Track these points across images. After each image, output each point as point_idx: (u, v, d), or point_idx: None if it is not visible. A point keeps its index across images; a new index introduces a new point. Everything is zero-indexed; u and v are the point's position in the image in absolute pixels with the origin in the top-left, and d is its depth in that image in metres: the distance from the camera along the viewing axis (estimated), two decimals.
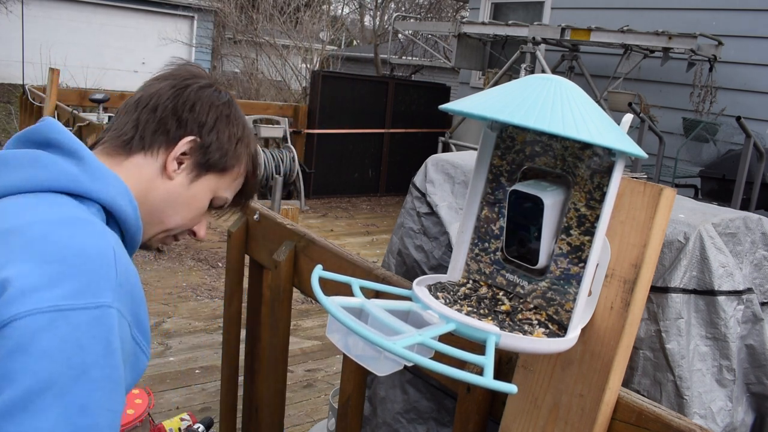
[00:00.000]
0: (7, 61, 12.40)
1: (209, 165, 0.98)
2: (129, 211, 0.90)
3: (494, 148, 0.91)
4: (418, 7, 14.89)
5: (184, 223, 1.00)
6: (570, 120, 0.67)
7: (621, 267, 0.84)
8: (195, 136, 0.96)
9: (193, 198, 0.99)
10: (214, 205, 1.04)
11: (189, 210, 1.00)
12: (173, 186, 0.97)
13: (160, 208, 0.98)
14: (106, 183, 0.87)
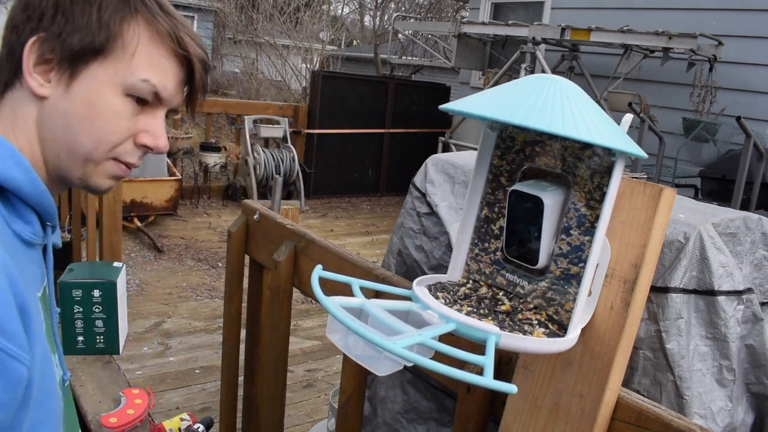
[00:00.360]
0: None
1: (75, 54, 0.77)
2: (12, 176, 0.74)
3: (494, 148, 0.91)
4: (418, 7, 14.90)
5: (101, 138, 0.80)
6: (570, 120, 0.67)
7: (621, 267, 0.84)
8: (37, 34, 0.77)
9: (88, 104, 0.78)
10: (147, 101, 0.82)
11: (93, 120, 0.79)
12: (52, 103, 0.78)
13: (58, 137, 0.79)
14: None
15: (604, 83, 6.18)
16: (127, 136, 0.82)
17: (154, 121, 0.84)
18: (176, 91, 0.84)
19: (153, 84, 0.80)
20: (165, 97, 0.83)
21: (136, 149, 0.83)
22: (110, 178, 0.84)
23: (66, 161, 0.81)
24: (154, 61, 0.81)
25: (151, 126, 0.83)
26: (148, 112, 0.83)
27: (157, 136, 0.84)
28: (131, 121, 0.81)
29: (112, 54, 0.78)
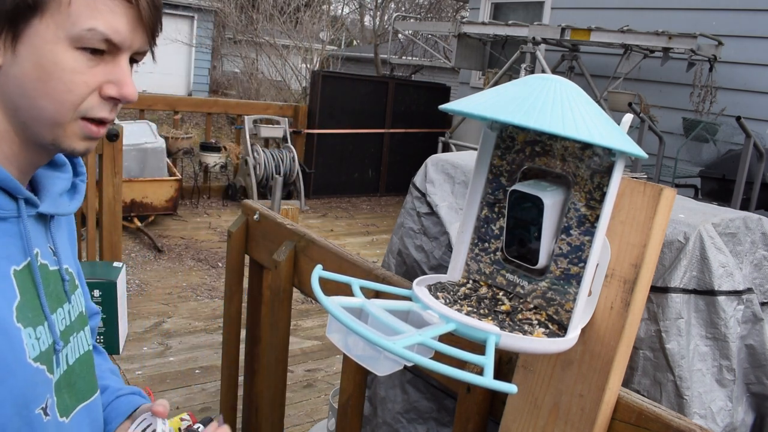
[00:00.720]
0: None
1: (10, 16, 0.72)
2: None
3: (494, 148, 0.91)
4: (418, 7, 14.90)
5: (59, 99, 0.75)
6: (570, 120, 0.67)
7: (621, 267, 0.84)
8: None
9: (37, 66, 0.74)
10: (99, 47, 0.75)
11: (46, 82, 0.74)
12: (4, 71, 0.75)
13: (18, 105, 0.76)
14: None
15: (604, 83, 6.18)
16: (88, 91, 0.76)
17: (115, 69, 0.77)
18: (133, 32, 0.77)
19: (100, 31, 0.74)
20: (119, 42, 0.76)
21: (103, 102, 0.78)
22: (84, 139, 0.80)
23: (34, 128, 0.77)
24: (94, 5, 0.74)
25: (113, 74, 0.77)
26: (107, 61, 0.77)
27: (121, 84, 0.78)
28: (88, 75, 0.76)
29: (49, 7, 0.73)
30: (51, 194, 0.87)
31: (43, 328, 0.83)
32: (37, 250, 0.85)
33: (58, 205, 0.88)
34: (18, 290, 0.79)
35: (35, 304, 0.82)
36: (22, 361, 0.78)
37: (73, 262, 0.99)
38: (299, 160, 7.34)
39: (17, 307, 0.78)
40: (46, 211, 0.85)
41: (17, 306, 0.79)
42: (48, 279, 0.87)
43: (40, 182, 0.88)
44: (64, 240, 0.95)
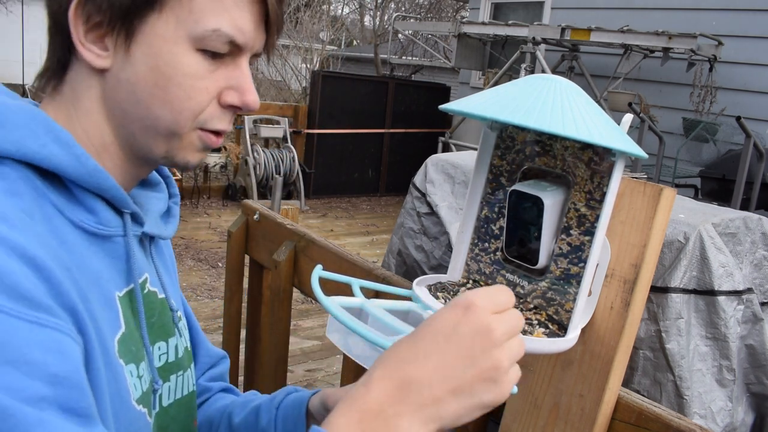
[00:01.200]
0: (7, 61, 12.41)
1: (126, 10, 0.63)
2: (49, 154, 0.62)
3: (494, 148, 0.91)
4: (418, 7, 14.90)
5: (179, 108, 0.67)
6: (570, 120, 0.67)
7: (621, 267, 0.84)
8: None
9: (153, 69, 0.65)
10: (222, 50, 0.66)
11: (163, 88, 0.66)
12: (114, 75, 0.66)
13: (129, 114, 0.68)
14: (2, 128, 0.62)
15: (604, 83, 6.18)
16: (209, 98, 0.68)
17: (235, 72, 0.69)
18: (256, 31, 0.69)
19: (225, 33, 0.65)
20: (243, 43, 0.67)
21: (223, 112, 0.70)
22: (200, 151, 0.71)
23: (144, 139, 0.68)
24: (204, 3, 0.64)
25: (234, 79, 0.69)
26: (228, 64, 0.68)
27: (243, 90, 0.69)
28: (209, 80, 0.67)
29: (168, 3, 0.64)
30: (152, 214, 0.78)
31: (145, 365, 0.72)
32: (147, 276, 0.76)
33: (159, 226, 0.78)
34: (123, 320, 0.69)
35: (137, 337, 0.72)
36: (128, 403, 0.67)
37: (175, 293, 0.87)
38: (299, 160, 7.35)
39: (119, 340, 0.68)
40: (150, 231, 0.75)
41: (119, 339, 0.68)
42: (154, 308, 0.77)
43: (137, 201, 0.77)
44: (165, 266, 0.85)
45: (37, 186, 0.63)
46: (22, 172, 0.62)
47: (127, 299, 0.71)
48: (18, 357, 0.51)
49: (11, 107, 0.64)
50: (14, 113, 0.63)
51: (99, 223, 0.67)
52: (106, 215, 0.68)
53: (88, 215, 0.66)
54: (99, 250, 0.68)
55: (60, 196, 0.65)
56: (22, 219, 0.58)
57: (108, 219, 0.68)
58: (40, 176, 0.63)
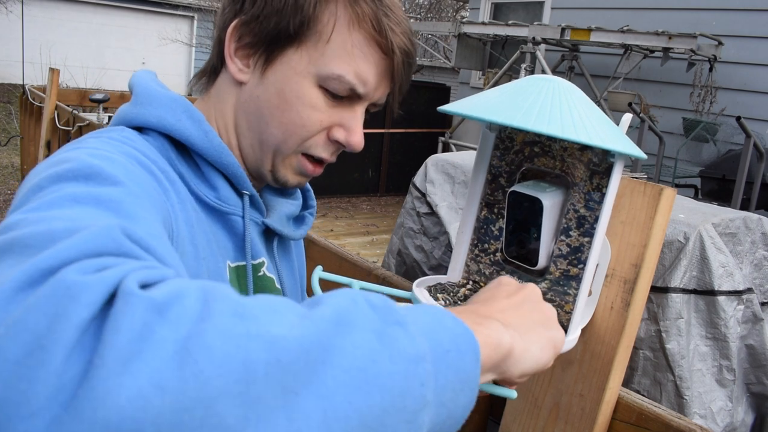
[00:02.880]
0: (7, 61, 12.41)
1: (270, 39, 0.73)
2: (182, 127, 0.72)
3: (493, 149, 0.91)
4: (418, 7, 14.90)
5: (291, 131, 0.75)
6: (569, 122, 0.67)
7: (621, 267, 0.84)
8: (239, 17, 0.75)
9: (279, 93, 0.74)
10: (341, 94, 0.74)
11: (283, 111, 0.74)
12: (249, 90, 0.77)
13: (251, 125, 0.77)
14: (149, 106, 0.74)
15: (604, 83, 6.18)
16: (319, 129, 0.76)
17: (350, 114, 0.76)
18: (378, 84, 0.76)
19: (348, 80, 0.73)
20: (364, 93, 0.75)
21: (328, 144, 0.77)
22: (298, 174, 0.80)
23: (258, 152, 0.78)
24: (351, 49, 0.73)
25: (347, 120, 0.76)
26: (345, 105, 0.76)
27: (351, 131, 0.76)
28: (325, 114, 0.75)
29: (307, 40, 0.73)
30: (278, 213, 0.85)
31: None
32: (263, 260, 0.83)
33: (284, 225, 0.86)
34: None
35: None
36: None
37: (294, 296, 0.93)
38: None
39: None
40: (272, 225, 0.83)
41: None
42: (271, 291, 0.83)
43: (268, 203, 0.87)
44: (290, 268, 0.92)
45: (170, 156, 0.73)
46: (161, 141, 0.73)
47: (239, 271, 0.78)
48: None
49: (159, 92, 0.76)
50: (161, 96, 0.75)
51: (219, 198, 0.75)
52: (226, 193, 0.76)
53: (209, 190, 0.75)
54: (217, 221, 0.76)
55: (188, 168, 0.74)
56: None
57: (227, 197, 0.76)
58: (175, 149, 0.74)
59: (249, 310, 0.38)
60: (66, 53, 12.02)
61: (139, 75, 0.82)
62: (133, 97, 0.78)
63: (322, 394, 0.37)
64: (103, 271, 0.39)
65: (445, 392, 0.44)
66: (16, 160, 8.18)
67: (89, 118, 3.89)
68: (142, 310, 0.36)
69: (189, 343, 0.35)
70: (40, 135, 4.51)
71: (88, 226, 0.44)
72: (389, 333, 0.42)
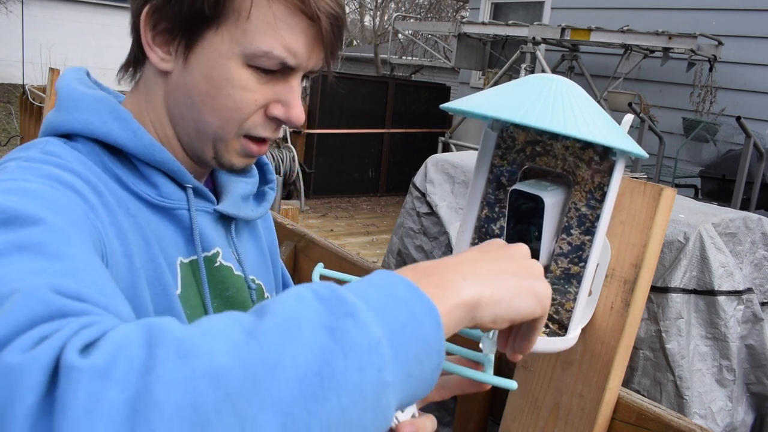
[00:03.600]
0: (7, 61, 12.41)
1: (186, 23, 0.70)
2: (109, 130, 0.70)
3: (495, 148, 0.91)
4: (418, 7, 14.90)
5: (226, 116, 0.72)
6: (571, 119, 0.67)
7: (621, 267, 0.84)
8: (149, 3, 0.72)
9: (207, 78, 0.71)
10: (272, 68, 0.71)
11: (214, 97, 0.71)
12: (174, 78, 0.73)
13: (184, 115, 0.74)
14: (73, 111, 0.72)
15: (604, 83, 6.18)
16: (255, 108, 0.72)
17: (285, 88, 0.73)
18: (309, 53, 0.72)
19: (276, 56, 0.69)
20: (295, 65, 0.72)
21: (267, 122, 0.74)
22: (243, 156, 0.76)
23: (196, 141, 0.75)
24: (273, 22, 0.69)
25: (283, 94, 0.73)
26: (278, 79, 0.72)
27: (289, 106, 0.73)
28: (258, 93, 0.72)
29: (226, 19, 0.69)
30: (232, 196, 0.83)
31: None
32: (218, 250, 0.81)
33: (239, 207, 0.83)
34: (180, 282, 0.75)
35: (196, 303, 0.77)
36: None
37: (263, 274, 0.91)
38: (299, 160, 7.35)
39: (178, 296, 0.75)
40: (225, 210, 0.81)
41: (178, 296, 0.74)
42: (228, 282, 0.82)
43: (222, 185, 0.85)
44: (249, 248, 0.89)
45: (103, 160, 0.71)
46: (91, 147, 0.71)
47: (190, 267, 0.77)
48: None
49: (84, 94, 0.74)
50: (85, 99, 0.73)
51: (160, 195, 0.74)
52: (168, 189, 0.74)
53: (150, 188, 0.73)
54: (163, 218, 0.74)
55: (125, 169, 0.72)
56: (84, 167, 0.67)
57: (169, 192, 0.75)
58: (107, 152, 0.72)
59: (192, 346, 0.38)
60: (66, 53, 12.02)
61: (63, 76, 0.79)
62: (57, 101, 0.75)
63: (279, 410, 0.37)
64: (41, 344, 0.39)
65: (409, 365, 0.44)
66: None
67: None
68: (85, 382, 0.36)
69: (137, 404, 0.35)
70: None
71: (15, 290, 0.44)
72: (340, 326, 0.42)
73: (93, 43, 13.21)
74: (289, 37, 0.70)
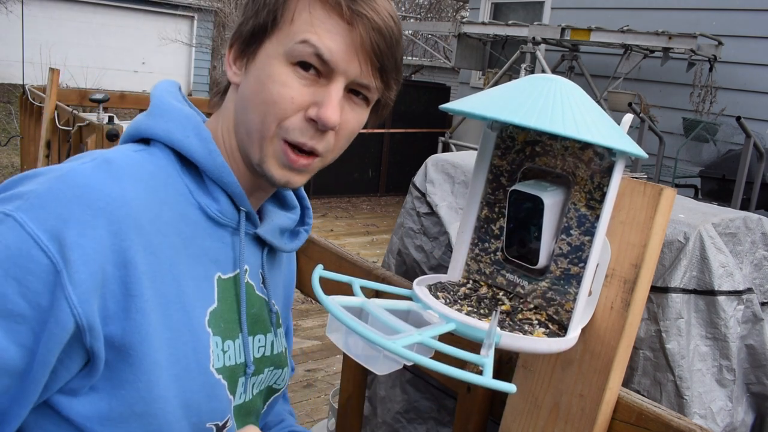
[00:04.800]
0: (7, 61, 12.40)
1: (248, 39, 0.79)
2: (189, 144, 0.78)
3: (494, 148, 0.91)
4: (418, 7, 14.90)
5: (266, 110, 0.76)
6: (570, 120, 0.67)
7: (621, 267, 0.84)
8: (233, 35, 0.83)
9: (256, 79, 0.77)
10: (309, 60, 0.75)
11: (258, 93, 0.77)
12: (241, 89, 0.81)
13: (240, 119, 0.81)
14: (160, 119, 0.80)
15: (604, 83, 6.18)
16: (293, 107, 0.76)
17: (323, 91, 0.76)
18: (348, 58, 0.75)
19: (312, 44, 0.74)
20: (331, 61, 0.75)
21: (306, 126, 0.77)
22: (282, 166, 0.79)
23: (247, 144, 0.80)
24: (314, 21, 0.74)
25: (320, 96, 0.76)
26: (321, 84, 0.77)
27: (322, 105, 0.75)
28: (296, 91, 0.76)
29: (278, 29, 0.76)
30: (271, 224, 0.90)
31: (232, 343, 0.82)
32: (247, 267, 0.86)
33: (275, 236, 0.90)
34: (217, 297, 0.80)
35: (231, 317, 0.82)
36: (204, 366, 0.77)
37: (282, 305, 0.99)
38: None
39: (211, 312, 0.79)
40: (263, 234, 0.87)
41: (212, 311, 0.79)
42: (253, 301, 0.87)
43: (265, 214, 0.92)
44: (276, 277, 0.96)
45: (177, 168, 0.79)
46: (168, 153, 0.78)
47: (228, 283, 0.82)
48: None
49: (174, 107, 0.82)
50: (174, 111, 0.81)
51: (219, 211, 0.81)
52: (226, 207, 0.81)
53: (211, 202, 0.80)
54: (213, 233, 0.81)
55: (193, 180, 0.79)
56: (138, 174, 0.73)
57: (227, 210, 0.81)
58: (181, 162, 0.79)
59: None
60: (66, 53, 12.01)
61: (158, 86, 0.86)
62: (149, 107, 0.83)
63: None
64: None
65: None
66: (16, 160, 8.18)
67: (89, 118, 3.89)
68: None
69: None
70: (40, 135, 4.51)
71: None
72: None
73: (93, 43, 13.20)
74: (326, 35, 0.74)
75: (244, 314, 0.83)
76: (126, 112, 9.64)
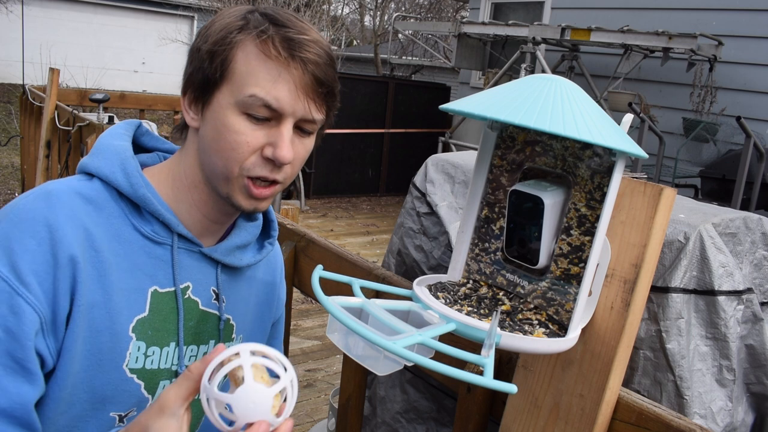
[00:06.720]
0: (7, 61, 12.40)
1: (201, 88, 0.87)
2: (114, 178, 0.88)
3: (494, 148, 0.91)
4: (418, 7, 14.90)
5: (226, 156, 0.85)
6: (570, 120, 0.67)
7: (621, 267, 0.84)
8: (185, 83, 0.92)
9: (213, 127, 0.86)
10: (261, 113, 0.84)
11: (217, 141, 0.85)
12: (200, 132, 0.89)
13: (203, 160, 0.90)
14: (95, 157, 0.91)
15: (604, 83, 6.18)
16: (249, 150, 0.85)
17: (274, 132, 0.85)
18: (293, 99, 0.84)
19: (260, 97, 0.83)
20: (279, 108, 0.84)
21: (263, 163, 0.86)
22: (248, 197, 0.89)
23: (214, 181, 0.89)
24: (258, 72, 0.83)
25: (273, 137, 0.85)
26: (271, 126, 0.85)
27: (276, 146, 0.85)
28: (251, 137, 0.85)
29: (228, 80, 0.84)
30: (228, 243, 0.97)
31: (159, 350, 0.91)
32: (189, 284, 0.94)
33: (225, 254, 0.97)
34: (149, 307, 0.89)
35: (165, 327, 0.91)
36: (117, 364, 0.87)
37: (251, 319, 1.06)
38: None
39: (139, 320, 0.88)
40: (209, 253, 0.95)
41: (140, 319, 0.88)
42: (191, 314, 0.95)
43: (235, 227, 1.01)
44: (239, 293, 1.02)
45: (114, 195, 0.89)
46: (106, 186, 0.89)
47: (166, 297, 0.91)
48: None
49: (107, 145, 0.92)
50: (106, 149, 0.92)
51: (153, 231, 0.90)
52: (159, 229, 0.90)
53: (145, 224, 0.90)
54: (151, 250, 0.90)
55: (130, 204, 0.89)
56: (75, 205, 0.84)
57: (159, 231, 0.90)
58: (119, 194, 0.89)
59: None
60: (66, 53, 12.01)
61: (109, 131, 0.97)
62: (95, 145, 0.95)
63: None
64: None
65: None
66: (16, 160, 8.17)
67: (89, 118, 3.89)
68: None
69: None
70: (40, 135, 4.51)
71: None
72: None
73: (93, 43, 13.20)
74: (269, 86, 0.83)
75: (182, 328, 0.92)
76: (126, 112, 9.64)
